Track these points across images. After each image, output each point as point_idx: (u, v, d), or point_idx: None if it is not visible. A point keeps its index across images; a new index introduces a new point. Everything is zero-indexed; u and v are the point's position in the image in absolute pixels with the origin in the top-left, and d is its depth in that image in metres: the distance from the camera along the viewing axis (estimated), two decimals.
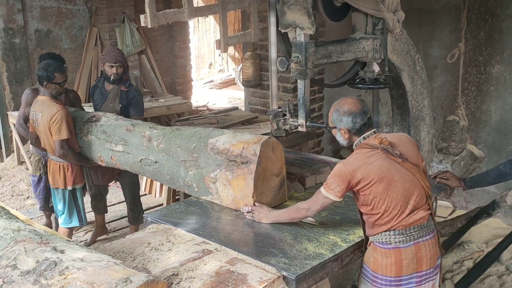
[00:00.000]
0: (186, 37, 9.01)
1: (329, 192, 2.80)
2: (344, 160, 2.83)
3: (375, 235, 2.81)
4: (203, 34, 13.16)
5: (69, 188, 4.37)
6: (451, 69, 5.63)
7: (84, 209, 4.55)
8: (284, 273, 2.57)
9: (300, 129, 3.56)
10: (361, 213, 2.89)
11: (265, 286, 2.48)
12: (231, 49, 13.39)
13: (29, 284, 1.98)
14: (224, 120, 5.78)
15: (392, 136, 2.92)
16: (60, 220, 4.52)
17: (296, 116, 3.55)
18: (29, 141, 4.67)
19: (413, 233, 2.77)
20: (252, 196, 3.15)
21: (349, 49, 3.62)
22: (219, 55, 13.50)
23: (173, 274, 2.60)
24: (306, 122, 3.50)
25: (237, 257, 2.75)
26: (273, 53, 3.76)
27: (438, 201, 4.16)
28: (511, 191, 3.69)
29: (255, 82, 6.26)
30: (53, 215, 5.09)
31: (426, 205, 2.82)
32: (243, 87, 7.01)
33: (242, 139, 3.31)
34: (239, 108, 6.99)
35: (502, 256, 4.10)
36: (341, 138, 2.92)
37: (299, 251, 2.77)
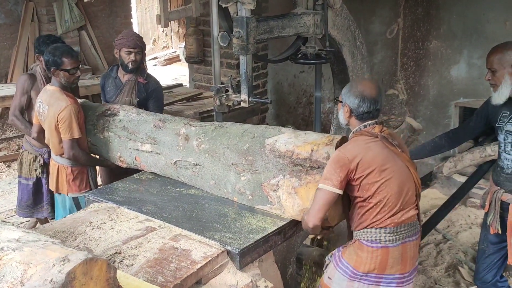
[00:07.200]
0: (128, 12, 8.79)
1: (326, 184, 2.56)
2: (340, 147, 2.65)
3: (363, 229, 2.68)
4: (146, 10, 12.86)
5: (71, 195, 3.77)
6: (391, 44, 5.75)
7: None
8: (228, 248, 2.60)
9: (243, 104, 3.57)
10: (351, 207, 2.74)
11: (209, 261, 2.51)
12: (175, 25, 13.16)
13: None
14: (168, 97, 5.70)
15: (391, 129, 2.83)
16: None
17: (239, 92, 3.55)
18: (30, 135, 4.00)
19: (402, 232, 2.67)
20: None
21: (290, 24, 3.62)
22: (163, 31, 13.25)
23: (116, 252, 2.58)
24: (248, 98, 3.51)
25: (181, 234, 2.75)
26: (215, 30, 3.72)
27: None
28: (447, 163, 3.82)
29: (199, 58, 6.19)
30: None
31: (415, 203, 2.74)
32: (187, 64, 6.92)
33: (308, 139, 2.87)
34: (183, 85, 6.91)
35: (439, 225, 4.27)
36: (342, 116, 2.79)
37: (242, 226, 2.80)
